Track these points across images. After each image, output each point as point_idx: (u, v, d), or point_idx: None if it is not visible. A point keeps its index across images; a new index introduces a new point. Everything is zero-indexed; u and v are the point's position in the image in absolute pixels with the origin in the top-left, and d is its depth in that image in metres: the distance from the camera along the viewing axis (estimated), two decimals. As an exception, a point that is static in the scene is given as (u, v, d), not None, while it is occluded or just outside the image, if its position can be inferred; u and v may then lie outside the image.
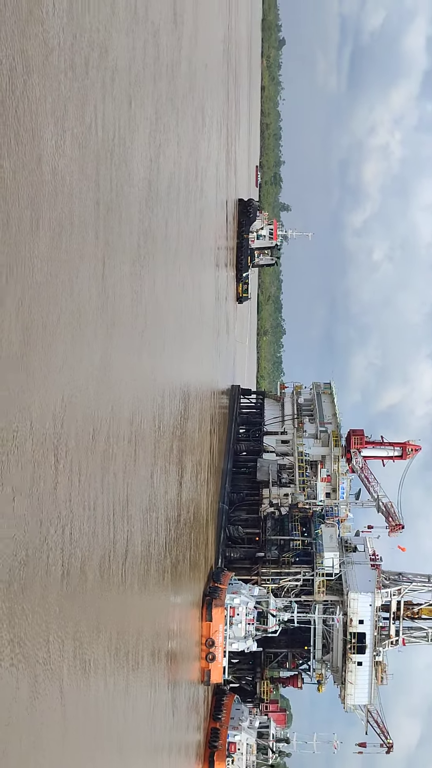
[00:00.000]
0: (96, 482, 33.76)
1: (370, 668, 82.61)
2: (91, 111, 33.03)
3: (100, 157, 35.12)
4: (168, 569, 57.31)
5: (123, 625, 40.82)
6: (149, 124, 48.81)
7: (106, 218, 35.89)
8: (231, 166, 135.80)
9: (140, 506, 45.16)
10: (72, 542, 29.65)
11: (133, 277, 42.95)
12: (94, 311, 33.48)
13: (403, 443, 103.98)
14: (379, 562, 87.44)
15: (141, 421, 45.23)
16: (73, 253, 30.03)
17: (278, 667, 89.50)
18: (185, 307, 68.45)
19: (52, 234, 27.21)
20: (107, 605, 36.68)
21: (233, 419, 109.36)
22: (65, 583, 28.65)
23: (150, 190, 48.70)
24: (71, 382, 29.19)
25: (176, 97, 63.35)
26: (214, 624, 70.48)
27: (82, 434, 30.93)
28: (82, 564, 31.29)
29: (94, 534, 33.35)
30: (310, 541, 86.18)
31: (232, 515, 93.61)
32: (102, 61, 35.90)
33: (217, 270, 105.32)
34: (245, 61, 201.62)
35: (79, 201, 31.00)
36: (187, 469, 67.80)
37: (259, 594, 79.80)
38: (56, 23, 28.13)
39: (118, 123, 39.01)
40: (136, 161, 43.97)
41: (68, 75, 29.79)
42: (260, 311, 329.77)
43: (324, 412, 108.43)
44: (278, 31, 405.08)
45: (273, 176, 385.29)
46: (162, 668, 55.89)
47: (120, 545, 39.16)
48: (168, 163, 57.03)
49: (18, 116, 23.78)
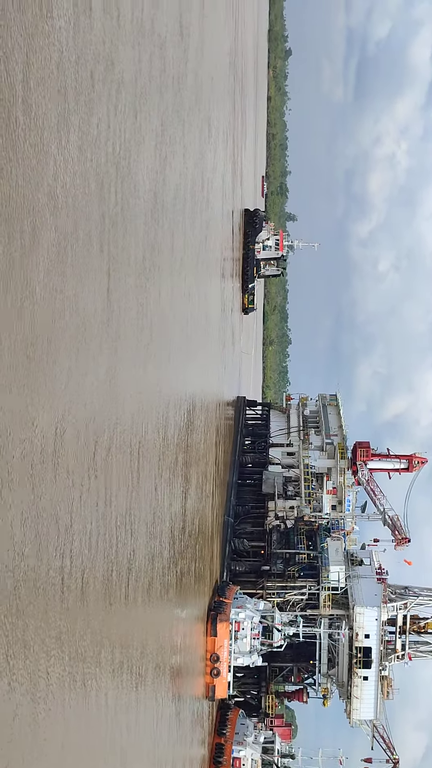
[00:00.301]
0: (100, 495, 33.45)
1: (376, 683, 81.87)
2: (96, 124, 32.83)
3: (106, 171, 34.90)
4: (173, 583, 56.86)
5: (127, 639, 40.45)
6: (155, 136, 48.66)
7: (112, 231, 35.65)
8: (237, 176, 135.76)
9: (145, 519, 44.80)
10: (76, 555, 29.39)
11: (139, 289, 42.71)
12: (99, 325, 33.23)
13: (409, 456, 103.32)
14: (385, 575, 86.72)
15: (146, 433, 44.93)
16: (78, 267, 29.79)
17: (283, 682, 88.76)
18: (191, 318, 68.19)
19: (57, 249, 26.99)
20: (111, 619, 36.32)
21: (239, 431, 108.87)
22: (68, 597, 28.37)
23: (156, 202, 48.52)
24: (76, 396, 28.94)
25: (182, 109, 63.24)
26: (219, 639, 69.82)
27: (86, 447, 30.68)
28: (86, 577, 30.99)
29: (98, 547, 33.03)
30: (316, 555, 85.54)
31: (238, 528, 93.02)
32: (108, 74, 35.73)
33: (223, 281, 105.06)
34: (251, 72, 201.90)
35: (84, 214, 30.77)
36: (192, 481, 67.39)
37: (265, 608, 79.16)
38: (62, 36, 27.95)
39: (124, 136, 38.82)
40: (142, 173, 43.79)
41: (74, 88, 29.61)
42: (266, 321, 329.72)
43: (330, 423, 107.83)
44: (285, 42, 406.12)
45: (279, 186, 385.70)
46: (166, 683, 55.37)
47: (124, 558, 38.83)
48: (174, 175, 56.87)
49: (23, 130, 23.55)
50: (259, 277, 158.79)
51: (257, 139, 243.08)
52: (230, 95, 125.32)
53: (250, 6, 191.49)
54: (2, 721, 22.67)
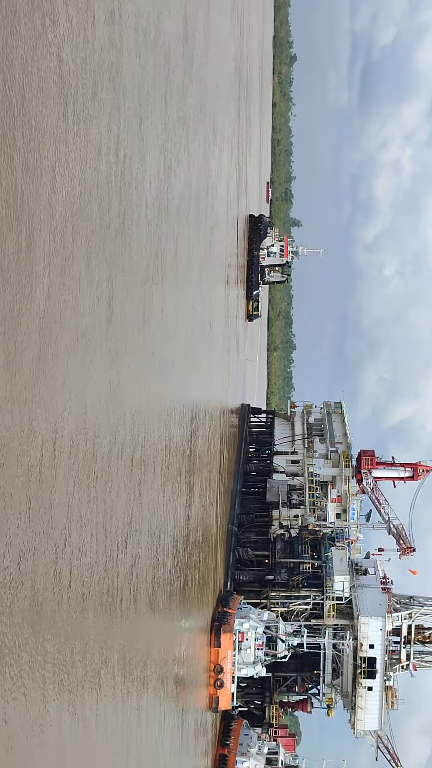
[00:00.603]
0: (103, 504, 33.16)
1: (381, 693, 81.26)
2: (98, 133, 32.55)
3: (109, 180, 34.66)
4: (176, 593, 56.46)
5: (129, 650, 40.14)
6: (159, 143, 48.46)
7: (115, 239, 35.42)
8: (242, 182, 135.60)
9: (148, 528, 44.50)
10: (79, 565, 29.14)
11: (143, 297, 42.49)
12: (102, 333, 33.00)
13: (414, 464, 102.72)
14: (390, 585, 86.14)
15: (149, 442, 44.68)
16: (80, 274, 29.53)
17: (287, 691, 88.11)
18: (195, 326, 67.91)
19: (59, 257, 26.73)
20: (113, 630, 36.05)
21: (243, 438, 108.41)
22: (68, 608, 28.06)
23: (160, 210, 48.30)
24: (78, 405, 28.70)
25: (187, 116, 63.08)
26: (223, 650, 69.29)
27: (88, 456, 30.41)
28: (87, 587, 30.67)
29: (100, 556, 32.76)
30: (320, 564, 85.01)
31: (242, 537, 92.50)
32: (111, 82, 35.51)
33: (228, 288, 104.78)
34: (256, 78, 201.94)
35: (87, 222, 30.54)
36: (195, 489, 67.04)
37: (269, 619, 78.59)
38: (66, 45, 27.70)
39: (127, 145, 38.59)
40: (146, 182, 43.57)
41: (77, 97, 29.35)
42: (271, 327, 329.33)
43: (334, 431, 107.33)
44: (290, 48, 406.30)
45: (284, 192, 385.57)
46: (169, 695, 54.96)
47: (127, 568, 38.54)
48: (178, 182, 56.65)
49: (26, 140, 23.27)
50: (263, 283, 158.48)
51: (262, 145, 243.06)
52: (235, 101, 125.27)
53: (255, 12, 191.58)
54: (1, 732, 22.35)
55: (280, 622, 79.15)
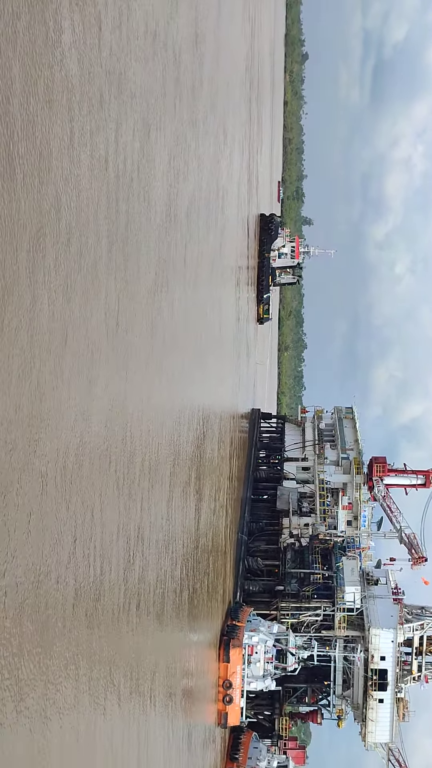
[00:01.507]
0: (111, 514, 32.63)
1: (392, 705, 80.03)
2: (105, 140, 31.74)
3: (118, 188, 33.92)
4: (184, 604, 55.50)
5: (137, 664, 39.51)
6: (169, 148, 47.70)
7: (124, 242, 34.70)
8: (253, 182, 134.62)
9: (156, 537, 43.75)
10: (86, 576, 28.65)
11: (152, 300, 42.13)
12: (110, 342, 32.55)
13: (426, 471, 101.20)
14: (401, 596, 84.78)
15: (159, 449, 44.02)
16: (89, 278, 28.87)
17: (297, 703, 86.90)
18: (205, 331, 67.05)
19: (67, 270, 26.11)
20: (120, 643, 35.42)
21: (253, 444, 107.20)
22: (76, 619, 27.56)
23: (169, 215, 47.62)
24: (85, 413, 28.19)
25: (197, 119, 62.30)
26: (232, 665, 68.10)
27: (97, 465, 29.91)
28: (95, 599, 30.09)
29: (107, 568, 32.13)
30: (331, 575, 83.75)
31: (251, 546, 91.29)
32: (119, 88, 34.65)
33: (238, 291, 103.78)
34: (268, 77, 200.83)
35: (95, 235, 29.86)
36: (205, 497, 66.13)
37: (278, 631, 77.36)
38: (71, 52, 26.82)
39: (136, 151, 37.86)
40: (156, 187, 42.89)
41: (84, 105, 28.49)
42: (281, 327, 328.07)
43: (345, 437, 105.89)
44: (301, 46, 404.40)
45: (295, 190, 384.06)
46: (177, 710, 54.09)
47: (135, 579, 37.86)
48: (188, 186, 55.88)
49: (32, 149, 22.39)
50: (274, 285, 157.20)
51: (273, 145, 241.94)
52: (246, 102, 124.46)
53: (266, 11, 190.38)
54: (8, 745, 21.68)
55: (290, 635, 77.92)
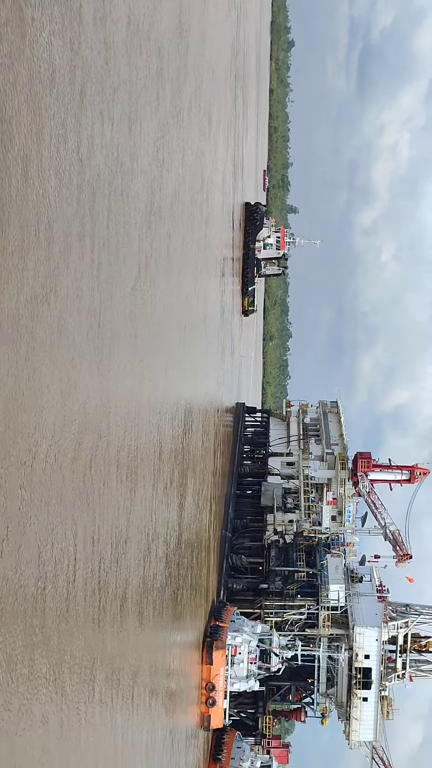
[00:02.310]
0: (91, 511, 31.69)
1: (376, 704, 79.59)
2: (88, 136, 30.65)
3: (98, 183, 32.92)
4: (167, 604, 54.70)
5: (119, 665, 38.74)
6: (152, 140, 46.69)
7: (105, 233, 33.74)
8: (238, 172, 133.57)
9: (138, 535, 42.93)
10: (63, 575, 27.77)
11: (134, 293, 41.19)
12: (90, 334, 31.34)
13: (411, 467, 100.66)
14: (386, 593, 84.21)
15: (140, 444, 43.17)
16: (69, 269, 27.95)
17: (281, 701, 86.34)
18: (189, 324, 66.10)
19: (47, 263, 25.36)
20: (100, 644, 34.52)
21: (238, 439, 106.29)
22: (56, 619, 26.80)
23: (153, 201, 46.93)
24: (64, 407, 27.35)
25: (181, 109, 61.28)
26: (215, 668, 67.25)
27: (76, 459, 29.01)
28: (73, 598, 29.14)
29: (87, 566, 31.21)
30: (315, 573, 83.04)
31: (235, 543, 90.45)
32: (100, 81, 33.37)
33: (223, 283, 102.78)
34: (253, 66, 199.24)
35: (76, 230, 28.91)
36: (188, 493, 65.29)
37: (262, 631, 76.61)
38: (49, 45, 25.62)
39: (118, 145, 36.67)
40: (138, 181, 42.09)
41: (63, 99, 27.37)
42: (266, 316, 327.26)
43: (330, 432, 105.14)
44: (287, 33, 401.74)
45: (281, 179, 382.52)
46: (159, 713, 53.39)
47: (115, 577, 37.07)
48: (172, 178, 54.96)
49: (7, 145, 21.33)
50: (259, 276, 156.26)
51: (259, 133, 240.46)
52: (231, 91, 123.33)
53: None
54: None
55: (273, 635, 77.18)
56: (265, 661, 75.49)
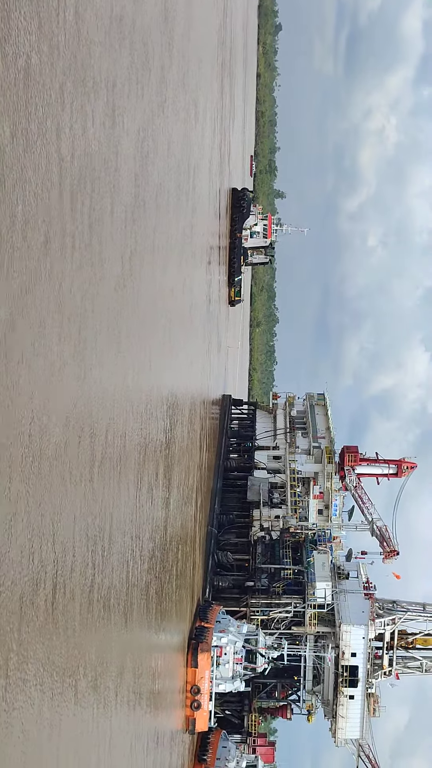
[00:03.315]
0: (72, 507, 30.72)
1: (362, 702, 79.12)
2: (69, 129, 29.41)
3: (82, 176, 31.76)
4: (152, 603, 53.87)
5: (102, 667, 37.88)
6: (137, 130, 45.43)
7: (90, 221, 32.81)
8: (224, 158, 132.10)
9: (121, 532, 42.13)
10: (45, 573, 26.97)
11: (118, 283, 40.26)
12: (72, 323, 30.33)
13: (398, 461, 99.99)
14: (372, 591, 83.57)
15: (125, 437, 42.49)
16: (52, 257, 27.15)
17: (267, 698, 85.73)
18: (174, 315, 65.06)
19: (30, 257, 24.64)
20: (84, 644, 33.68)
21: (224, 432, 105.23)
22: (37, 618, 26.02)
23: (137, 198, 46.02)
24: (45, 398, 26.50)
25: (167, 99, 60.07)
26: (200, 671, 66.35)
27: (58, 453, 28.15)
28: (54, 597, 28.20)
29: (68, 564, 30.27)
30: (302, 570, 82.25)
31: (221, 539, 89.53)
32: (82, 70, 32.03)
33: (209, 273, 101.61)
34: (240, 51, 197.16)
35: (56, 221, 27.91)
36: (174, 488, 64.36)
37: (248, 631, 75.78)
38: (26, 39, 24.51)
39: (101, 137, 35.39)
40: (122, 170, 41.35)
41: (44, 94, 26.29)
42: (253, 302, 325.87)
43: (317, 425, 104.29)
44: (275, 17, 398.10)
45: (268, 164, 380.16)
46: (143, 716, 52.56)
47: (97, 575, 36.13)
48: (157, 167, 53.69)
49: None
50: (246, 265, 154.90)
51: (246, 119, 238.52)
52: (218, 78, 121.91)
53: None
54: None
55: (259, 635, 76.35)
56: (251, 662, 74.73)
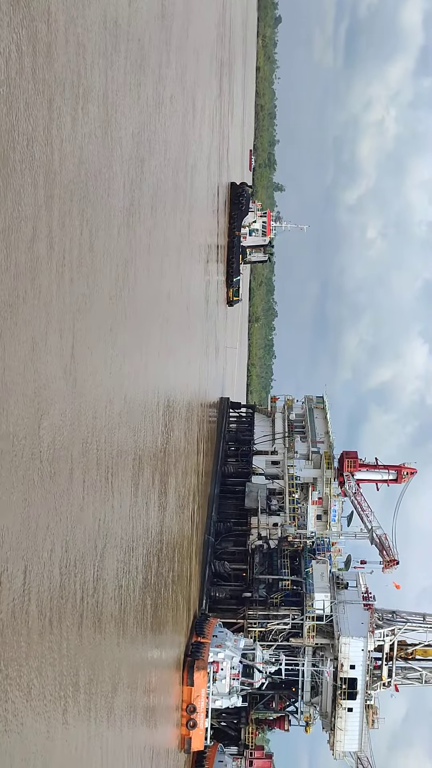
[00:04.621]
0: (64, 515, 29.25)
1: (361, 714, 77.87)
2: (63, 134, 27.96)
3: (77, 180, 30.37)
4: (147, 616, 52.58)
5: (94, 684, 36.37)
6: (132, 129, 44.10)
7: (85, 218, 31.28)
8: (223, 154, 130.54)
9: (115, 543, 40.75)
10: (36, 584, 25.71)
11: (115, 283, 38.63)
12: (69, 326, 29.17)
13: (398, 466, 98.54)
14: (372, 601, 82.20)
15: (120, 441, 41.23)
16: (43, 271, 25.91)
17: (264, 709, 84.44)
18: (171, 316, 63.59)
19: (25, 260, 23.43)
20: (76, 660, 32.07)
21: (222, 436, 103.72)
22: (27, 631, 24.80)
23: (133, 196, 44.70)
24: (36, 405, 25.39)
25: (163, 101, 58.53)
26: (196, 689, 64.99)
27: (50, 462, 26.90)
28: (46, 611, 26.95)
29: (60, 574, 28.85)
30: (300, 581, 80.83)
31: (219, 548, 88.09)
32: (76, 65, 30.59)
33: (207, 274, 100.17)
34: (240, 45, 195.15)
35: (47, 229, 26.49)
36: (170, 494, 63.00)
37: (246, 645, 74.40)
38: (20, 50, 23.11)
39: (96, 139, 33.90)
40: (119, 167, 39.85)
41: (37, 100, 24.91)
42: (252, 297, 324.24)
43: (316, 429, 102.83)
44: (275, 9, 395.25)
45: (267, 157, 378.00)
46: (137, 735, 51.19)
47: (90, 587, 34.76)
48: (154, 167, 52.18)
49: None
50: (245, 263, 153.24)
51: (245, 113, 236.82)
52: (217, 74, 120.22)
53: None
54: None
55: (257, 649, 74.99)
56: (249, 676, 73.40)
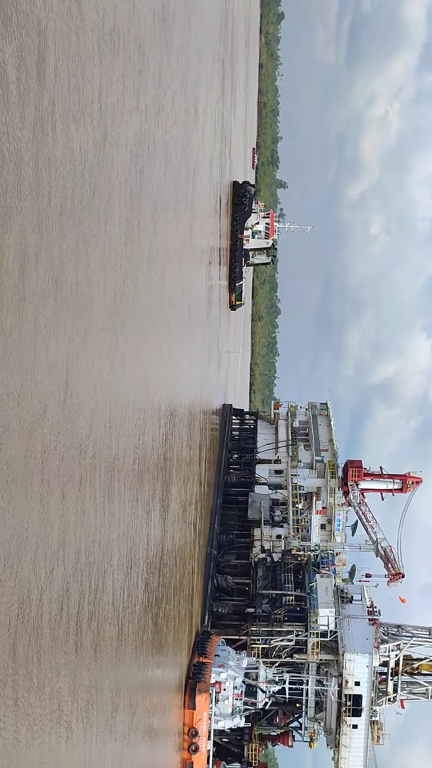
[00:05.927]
0: (62, 529, 28.17)
1: (366, 731, 76.38)
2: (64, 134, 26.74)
3: (75, 187, 29.03)
4: (148, 635, 51.32)
5: (92, 705, 35.00)
6: (133, 131, 42.63)
7: (84, 238, 30.30)
8: (226, 153, 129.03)
9: (115, 557, 39.44)
10: (32, 601, 24.77)
11: (117, 289, 37.57)
12: (68, 330, 28.24)
13: (403, 475, 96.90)
14: (377, 615, 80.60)
15: (120, 450, 40.11)
16: (39, 273, 24.80)
17: (268, 725, 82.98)
18: (173, 320, 62.19)
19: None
20: (74, 680, 30.71)
21: (224, 444, 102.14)
22: (22, 651, 23.69)
23: (133, 197, 43.33)
24: (37, 404, 24.61)
25: (164, 104, 57.18)
26: (198, 712, 63.58)
27: (48, 472, 25.94)
28: (43, 628, 25.87)
29: (57, 588, 27.75)
30: (304, 596, 79.28)
31: (221, 561, 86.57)
32: (72, 71, 29.16)
33: (209, 278, 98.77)
34: (242, 44, 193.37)
35: (55, 213, 25.85)
36: (171, 508, 61.70)
37: (248, 665, 72.92)
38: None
39: (94, 144, 32.55)
40: (119, 167, 38.25)
41: (33, 108, 23.70)
42: (255, 296, 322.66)
43: (320, 437, 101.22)
44: (278, 5, 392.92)
45: (270, 155, 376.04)
46: (138, 759, 49.77)
47: (88, 603, 33.51)
48: (155, 167, 51.05)
49: None
50: (247, 265, 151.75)
51: (248, 112, 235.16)
52: (219, 76, 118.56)
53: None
54: None
55: (260, 668, 73.51)
56: (252, 696, 71.95)
